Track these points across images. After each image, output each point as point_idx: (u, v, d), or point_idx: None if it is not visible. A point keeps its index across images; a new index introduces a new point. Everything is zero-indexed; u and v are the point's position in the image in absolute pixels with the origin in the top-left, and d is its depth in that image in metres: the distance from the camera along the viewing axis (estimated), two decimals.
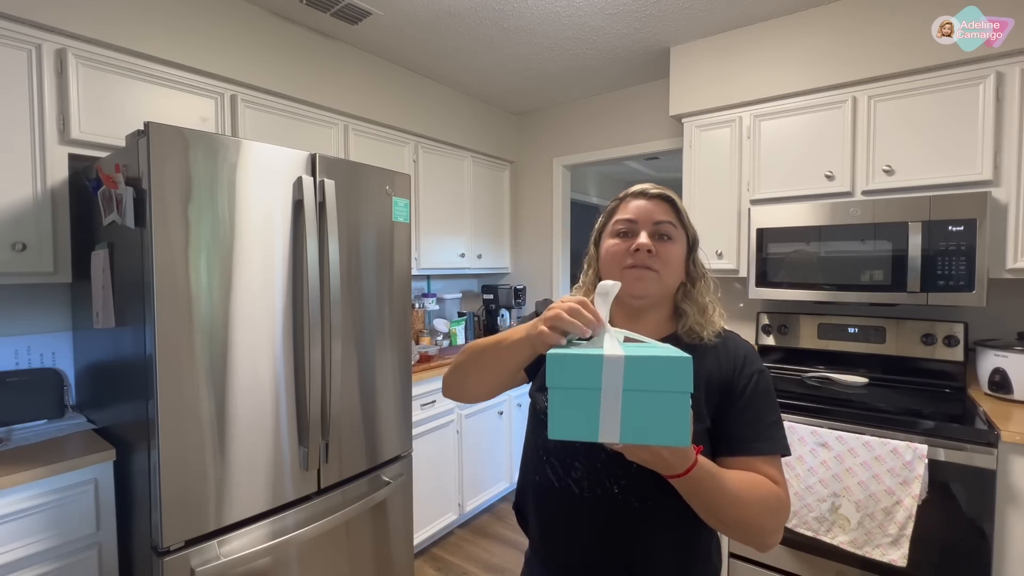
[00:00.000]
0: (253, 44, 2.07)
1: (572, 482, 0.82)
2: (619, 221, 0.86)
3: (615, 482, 0.78)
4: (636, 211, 0.84)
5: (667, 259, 0.83)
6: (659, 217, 0.83)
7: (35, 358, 1.74)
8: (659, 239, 0.83)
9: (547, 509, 0.86)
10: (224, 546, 1.40)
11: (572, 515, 0.82)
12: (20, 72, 1.49)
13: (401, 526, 1.94)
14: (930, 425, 1.60)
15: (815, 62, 2.12)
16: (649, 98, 2.95)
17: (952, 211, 1.77)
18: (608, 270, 0.86)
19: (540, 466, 0.86)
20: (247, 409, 1.45)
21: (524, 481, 0.94)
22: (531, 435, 0.92)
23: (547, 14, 2.20)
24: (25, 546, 1.26)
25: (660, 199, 0.85)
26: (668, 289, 0.86)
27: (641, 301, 0.84)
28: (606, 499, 0.79)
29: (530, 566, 0.95)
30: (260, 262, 1.47)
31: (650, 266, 0.81)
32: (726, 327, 0.88)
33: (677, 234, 0.85)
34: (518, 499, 0.98)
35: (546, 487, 0.85)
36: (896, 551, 1.55)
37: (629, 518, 0.79)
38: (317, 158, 1.61)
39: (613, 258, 0.84)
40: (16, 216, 1.49)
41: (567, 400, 0.56)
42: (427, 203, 2.82)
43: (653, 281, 0.82)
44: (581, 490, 0.81)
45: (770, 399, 0.81)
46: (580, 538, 0.82)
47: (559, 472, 0.83)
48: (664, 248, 0.83)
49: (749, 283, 2.18)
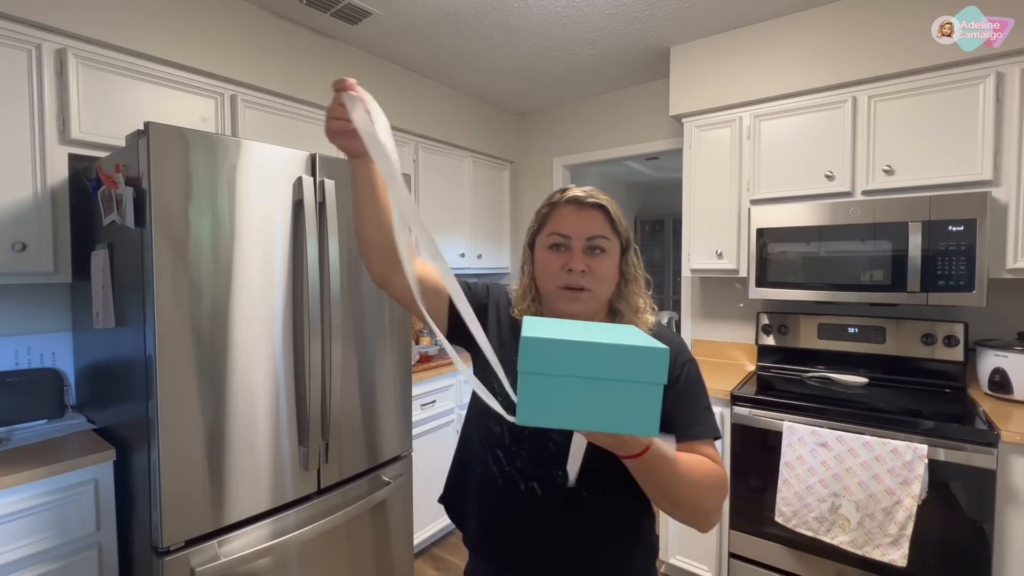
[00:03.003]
0: (253, 44, 2.07)
1: (517, 474, 0.82)
2: (553, 234, 0.84)
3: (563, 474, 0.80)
4: (570, 226, 0.83)
5: (601, 275, 0.83)
6: (593, 231, 0.83)
7: (35, 358, 1.74)
8: (592, 253, 0.83)
9: (490, 503, 0.86)
10: (224, 546, 1.40)
11: (518, 508, 0.83)
12: (20, 72, 1.49)
13: (401, 526, 1.94)
14: (930, 425, 1.60)
15: (815, 62, 2.12)
16: (649, 98, 2.95)
17: (952, 211, 1.77)
18: (543, 282, 0.86)
19: (483, 457, 0.86)
20: (247, 409, 1.45)
21: (460, 474, 0.94)
22: (475, 422, 0.91)
23: (547, 14, 2.20)
24: (25, 546, 1.26)
25: (594, 208, 0.84)
26: (603, 301, 0.87)
27: (576, 317, 0.84)
28: (554, 490, 0.80)
29: (474, 561, 0.95)
30: (260, 262, 1.47)
31: (584, 286, 0.82)
32: (657, 320, 0.90)
33: (611, 245, 0.84)
34: (449, 492, 0.98)
35: (489, 480, 0.85)
36: (896, 551, 1.55)
37: (576, 508, 0.81)
38: (317, 158, 1.61)
39: (548, 274, 0.84)
40: (16, 216, 1.49)
41: (540, 386, 0.54)
42: (427, 203, 2.82)
43: (588, 300, 0.83)
44: (527, 481, 0.82)
45: (701, 386, 0.84)
46: (526, 530, 0.83)
47: (501, 463, 0.84)
48: (597, 263, 0.83)
49: (749, 283, 2.18)
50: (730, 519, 1.97)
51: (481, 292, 0.95)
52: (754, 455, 1.90)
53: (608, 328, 0.64)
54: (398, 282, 0.85)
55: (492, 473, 0.85)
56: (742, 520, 1.94)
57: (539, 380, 0.54)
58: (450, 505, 0.98)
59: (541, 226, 0.88)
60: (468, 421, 0.95)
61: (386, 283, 0.88)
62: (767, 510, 1.83)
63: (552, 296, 0.84)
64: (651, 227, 6.13)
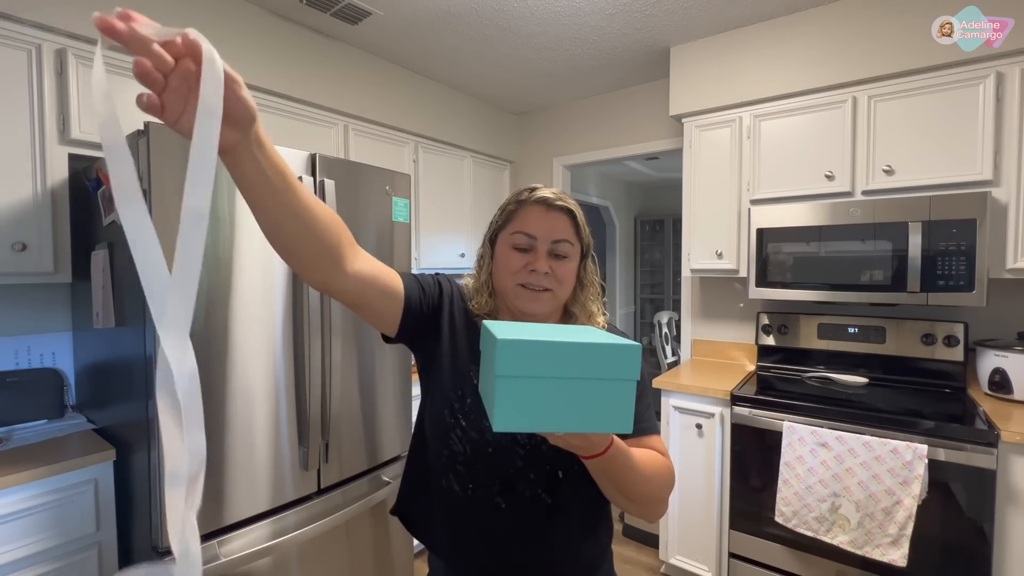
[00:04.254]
0: (253, 44, 2.07)
1: (478, 486, 0.82)
2: (518, 233, 0.83)
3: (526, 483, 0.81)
4: (536, 227, 0.83)
5: (562, 278, 0.84)
6: (558, 235, 0.83)
7: (35, 358, 1.74)
8: (555, 257, 0.83)
9: (456, 518, 0.85)
10: (224, 546, 1.40)
11: (485, 523, 0.83)
12: (20, 72, 1.49)
13: (401, 526, 1.94)
14: (930, 425, 1.60)
15: (815, 62, 2.12)
16: (649, 98, 2.95)
17: (952, 211, 1.77)
18: (501, 278, 0.85)
19: (444, 470, 0.85)
20: (247, 409, 1.45)
21: (419, 485, 0.92)
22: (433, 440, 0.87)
23: (547, 14, 2.20)
24: (25, 546, 1.26)
25: (561, 212, 0.84)
26: (560, 303, 0.88)
27: (533, 318, 0.84)
28: (521, 503, 0.81)
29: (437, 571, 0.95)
30: (260, 262, 1.47)
31: (546, 287, 0.82)
32: (607, 324, 0.91)
33: (573, 250, 0.85)
34: (403, 504, 0.96)
35: (452, 494, 0.84)
36: (896, 551, 1.55)
37: (540, 515, 0.81)
38: (317, 158, 1.61)
39: (508, 271, 0.84)
40: (16, 216, 1.49)
41: (517, 389, 0.53)
42: (427, 203, 2.82)
43: (547, 301, 0.83)
44: (489, 494, 0.82)
45: (645, 382, 0.85)
46: (496, 544, 0.83)
47: (463, 476, 0.83)
48: (560, 267, 0.83)
49: (749, 283, 2.18)
50: (730, 519, 1.97)
51: (433, 290, 0.87)
52: (754, 455, 1.90)
53: (571, 329, 0.64)
54: (341, 287, 0.72)
55: (453, 488, 0.84)
56: (742, 520, 1.94)
57: (515, 384, 0.53)
58: (406, 516, 0.98)
59: (506, 223, 0.86)
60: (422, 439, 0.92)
61: (327, 289, 0.72)
62: (767, 510, 1.84)
63: (510, 293, 0.83)
64: (651, 227, 6.13)
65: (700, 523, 2.06)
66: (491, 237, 0.90)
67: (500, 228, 0.88)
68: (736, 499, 1.95)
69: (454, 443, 0.84)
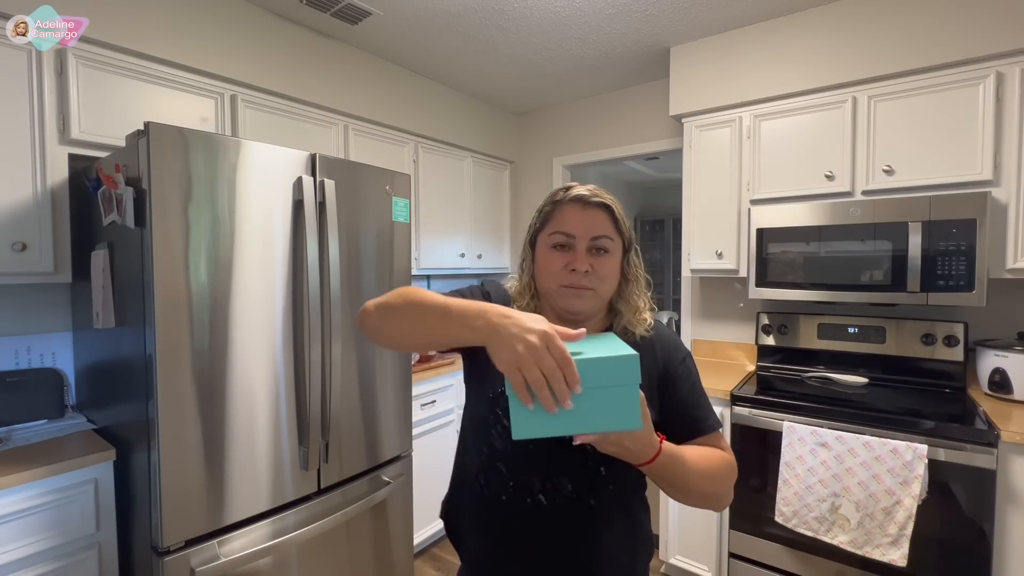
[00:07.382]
0: (253, 44, 2.07)
1: (520, 490, 0.81)
2: (556, 233, 0.83)
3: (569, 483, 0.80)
4: (574, 225, 0.82)
5: (604, 275, 0.83)
6: (597, 231, 0.82)
7: (35, 358, 1.74)
8: (596, 253, 0.83)
9: (493, 521, 0.84)
10: (224, 546, 1.40)
11: (524, 522, 0.81)
12: (20, 72, 1.49)
13: (401, 526, 1.94)
14: (930, 425, 1.60)
15: (815, 62, 2.12)
16: (649, 98, 2.95)
17: (952, 211, 1.77)
18: (544, 281, 0.85)
19: (482, 473, 0.85)
20: (247, 409, 1.45)
21: (462, 491, 0.91)
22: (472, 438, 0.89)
23: (547, 14, 2.20)
24: (25, 546, 1.26)
25: (598, 208, 0.83)
26: (604, 300, 0.87)
27: (578, 316, 0.84)
28: (560, 501, 0.80)
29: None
30: (260, 262, 1.47)
31: (587, 285, 0.81)
32: (654, 319, 0.90)
33: (614, 245, 0.84)
34: (450, 509, 0.95)
35: (491, 499, 0.83)
36: (896, 551, 1.55)
37: (584, 517, 0.81)
38: (317, 158, 1.61)
39: (550, 272, 0.84)
40: (16, 216, 1.49)
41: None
42: (427, 203, 2.82)
43: (591, 299, 0.83)
44: (532, 497, 0.81)
45: (699, 379, 0.88)
46: (532, 544, 0.82)
47: (504, 478, 0.82)
48: (601, 263, 0.82)
49: (749, 283, 2.18)
50: (730, 519, 1.97)
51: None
52: (754, 455, 1.90)
53: (588, 341, 0.69)
54: None
55: (494, 490, 0.83)
56: (742, 520, 1.94)
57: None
58: (451, 521, 0.96)
59: (544, 224, 0.87)
60: (464, 443, 0.93)
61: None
62: (767, 510, 1.84)
63: (553, 294, 0.84)
64: (651, 227, 6.12)
65: (700, 523, 2.06)
66: (531, 240, 0.90)
67: (539, 230, 0.88)
68: (736, 499, 1.94)
69: (495, 439, 0.84)
